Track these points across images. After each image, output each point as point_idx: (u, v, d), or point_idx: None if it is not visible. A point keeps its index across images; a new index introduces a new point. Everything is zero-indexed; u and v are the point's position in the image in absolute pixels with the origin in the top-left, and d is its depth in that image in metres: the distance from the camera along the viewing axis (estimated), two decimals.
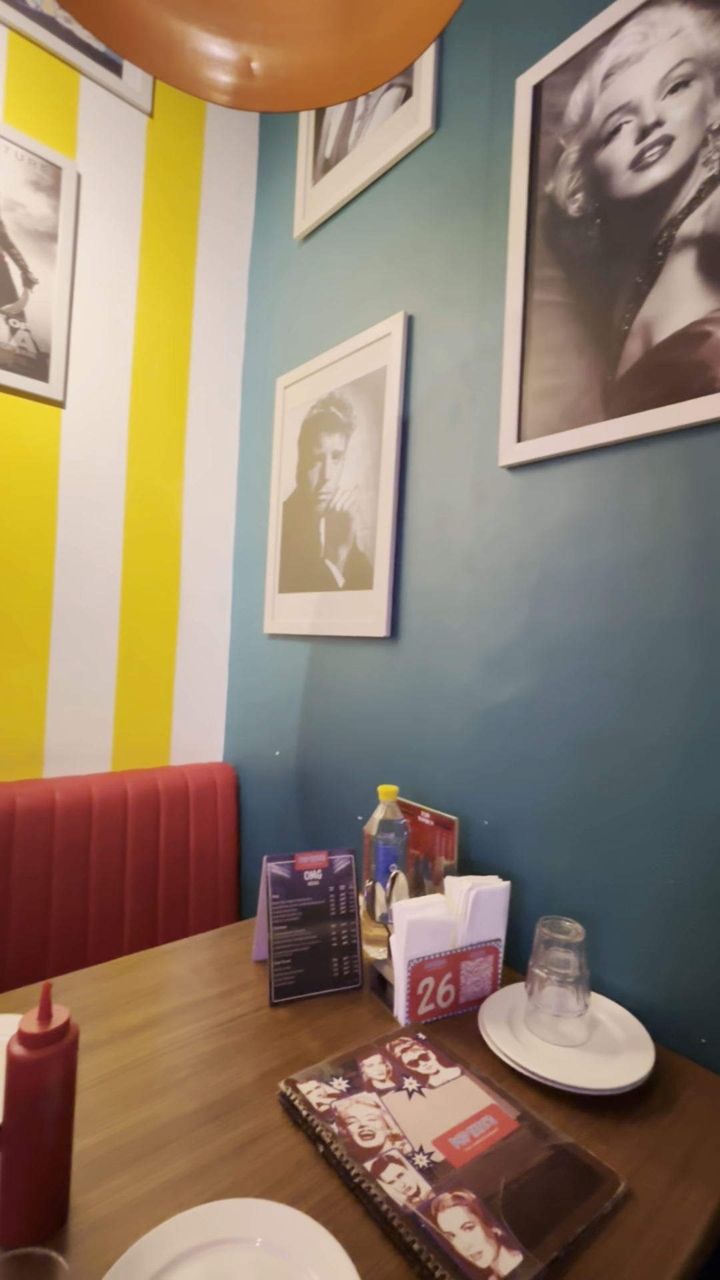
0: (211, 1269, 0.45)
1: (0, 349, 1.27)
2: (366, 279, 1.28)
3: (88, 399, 1.39)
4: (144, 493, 1.48)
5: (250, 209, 1.66)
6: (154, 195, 1.48)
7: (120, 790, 1.34)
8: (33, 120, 1.31)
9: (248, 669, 1.55)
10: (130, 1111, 0.63)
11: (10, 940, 1.16)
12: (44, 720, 1.34)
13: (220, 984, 0.86)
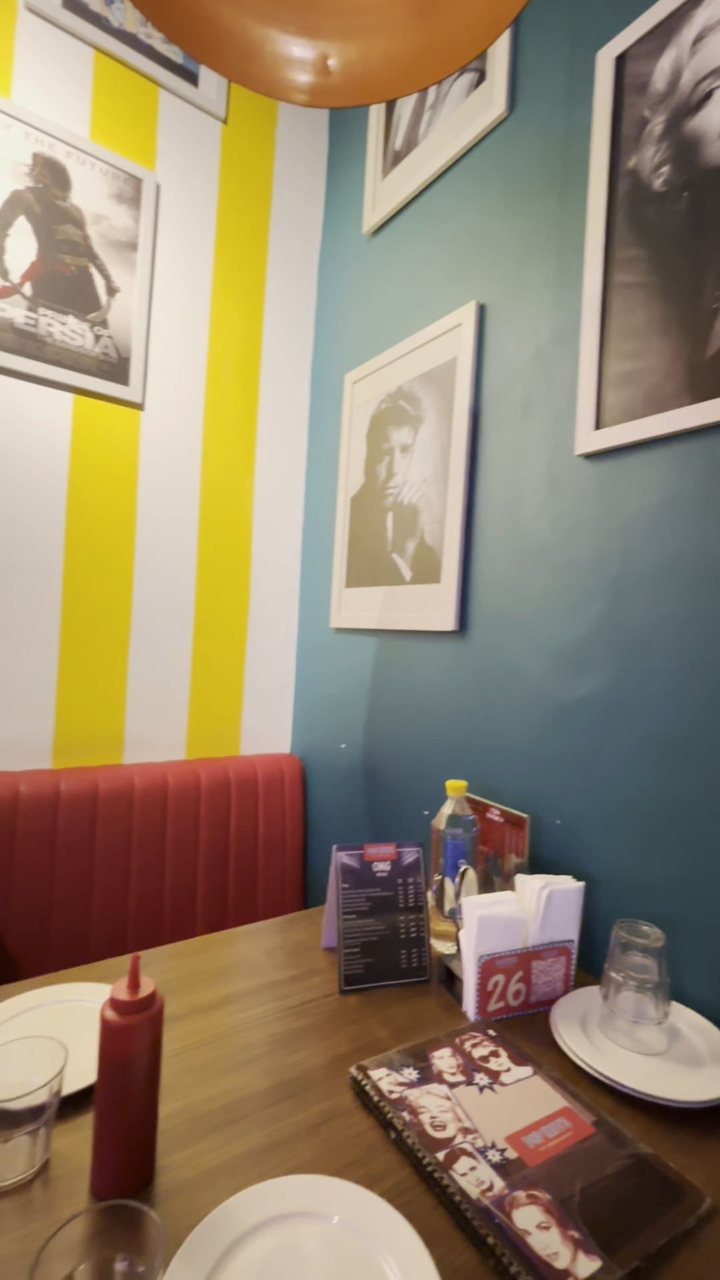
0: (291, 1239, 0.47)
1: (85, 355, 1.33)
2: (436, 270, 1.27)
3: (165, 401, 1.44)
4: (217, 491, 1.52)
5: (320, 207, 1.68)
6: (228, 199, 1.52)
7: (194, 777, 1.39)
8: (116, 135, 1.37)
9: (314, 663, 1.58)
10: (209, 1083, 0.65)
11: (94, 915, 1.23)
12: (124, 709, 1.41)
13: (291, 968, 0.88)
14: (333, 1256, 0.46)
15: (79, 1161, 0.55)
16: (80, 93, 1.33)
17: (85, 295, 1.33)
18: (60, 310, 1.30)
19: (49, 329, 1.29)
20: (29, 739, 1.31)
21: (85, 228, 1.33)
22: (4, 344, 1.24)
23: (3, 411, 1.25)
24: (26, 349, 1.27)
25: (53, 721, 1.33)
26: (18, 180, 1.26)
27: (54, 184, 1.29)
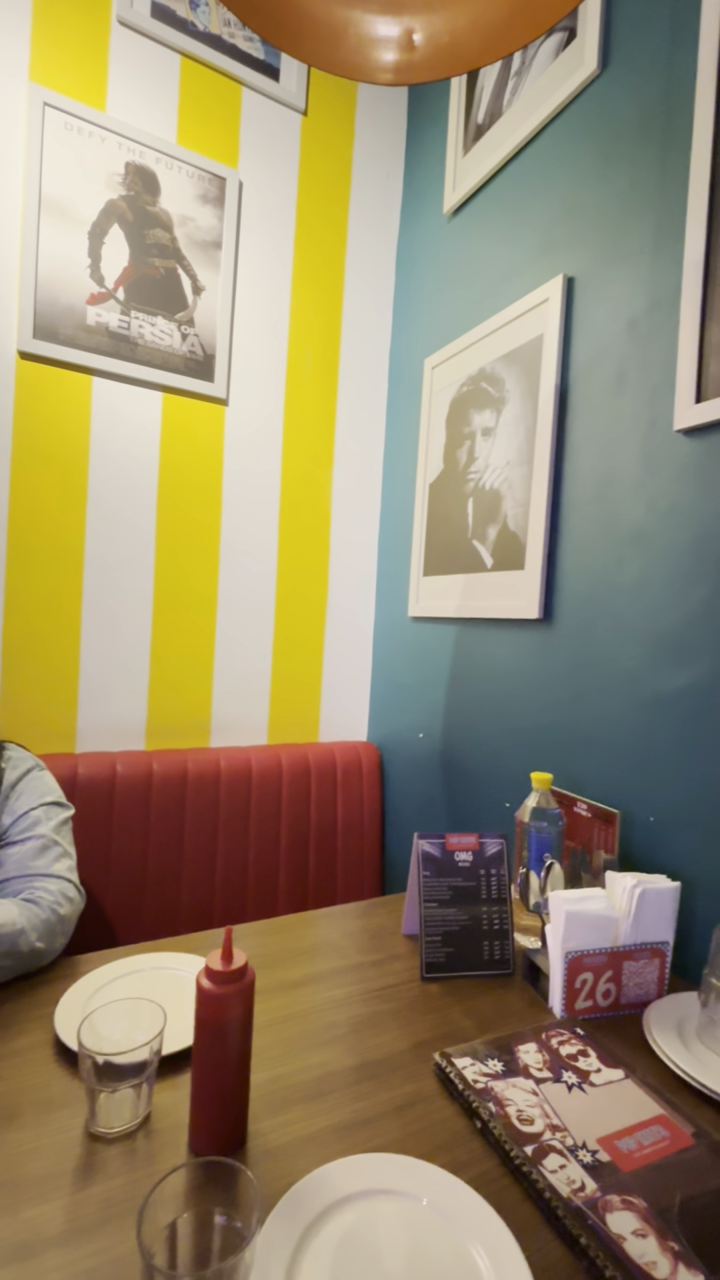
0: (381, 1214, 0.47)
1: (173, 355, 1.39)
2: (521, 245, 1.22)
3: (247, 395, 1.48)
4: (297, 482, 1.55)
5: (398, 192, 1.66)
6: (307, 191, 1.53)
7: (275, 762, 1.43)
8: (201, 137, 1.41)
9: (391, 651, 1.58)
10: (296, 1057, 0.67)
11: (184, 890, 1.29)
12: (210, 695, 1.47)
13: (372, 952, 0.89)
14: (422, 1237, 0.46)
15: (177, 1118, 0.58)
16: (168, 99, 1.37)
17: (173, 296, 1.38)
18: (150, 312, 1.36)
19: (140, 330, 1.35)
20: (124, 722, 1.38)
21: (173, 230, 1.38)
22: (101, 348, 1.31)
23: (100, 413, 1.32)
24: (120, 351, 1.33)
25: (145, 705, 1.40)
26: (112, 190, 1.32)
27: (144, 190, 1.35)
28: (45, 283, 1.26)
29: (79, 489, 1.32)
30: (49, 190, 1.25)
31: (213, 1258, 0.44)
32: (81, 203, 1.29)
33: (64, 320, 1.28)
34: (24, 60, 1.23)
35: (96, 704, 1.35)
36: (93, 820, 1.22)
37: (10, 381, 1.25)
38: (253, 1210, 0.42)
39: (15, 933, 0.76)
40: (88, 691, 1.34)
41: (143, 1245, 0.39)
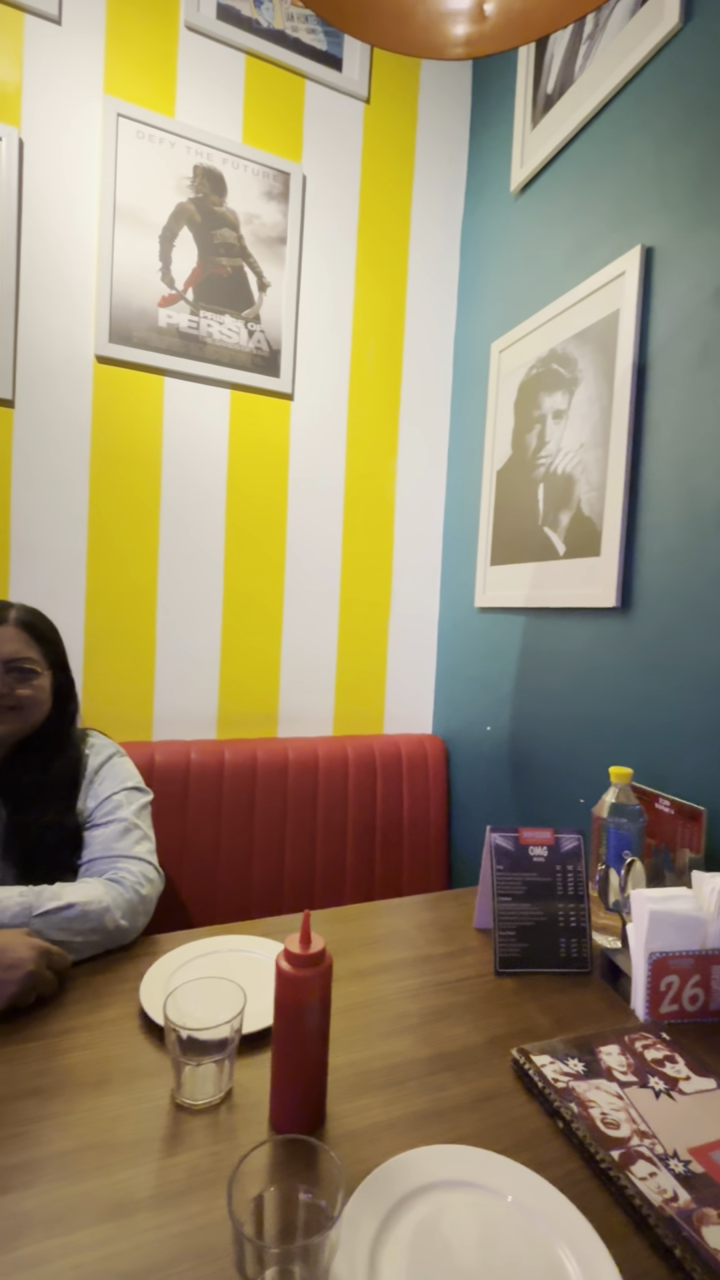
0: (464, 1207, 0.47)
1: (240, 352, 1.41)
2: (594, 218, 1.17)
3: (312, 389, 1.49)
4: (361, 473, 1.55)
5: (462, 174, 1.62)
6: (370, 180, 1.52)
7: (342, 753, 1.44)
8: (266, 134, 1.42)
9: (457, 643, 1.55)
10: (370, 1044, 0.67)
11: (254, 875, 1.32)
12: (278, 686, 1.50)
13: (444, 944, 0.88)
14: (507, 1234, 0.45)
15: (257, 1095, 0.60)
16: (233, 99, 1.39)
17: (240, 294, 1.40)
18: (218, 311, 1.39)
19: (209, 330, 1.38)
20: (197, 711, 1.43)
21: (239, 228, 1.40)
22: (172, 348, 1.35)
23: (172, 412, 1.37)
24: (190, 351, 1.37)
25: (216, 696, 1.44)
26: (181, 194, 1.35)
27: (212, 191, 1.37)
28: (120, 288, 1.30)
29: (153, 487, 1.36)
30: (123, 199, 1.30)
31: (298, 1232, 0.45)
32: (153, 208, 1.33)
33: (137, 323, 1.32)
34: (99, 75, 1.28)
35: (171, 694, 1.40)
36: (169, 806, 1.27)
37: (88, 385, 1.30)
38: (337, 1190, 0.42)
39: (101, 910, 0.80)
40: (163, 682, 1.39)
41: (234, 1215, 0.40)
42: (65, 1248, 0.45)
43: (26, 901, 0.77)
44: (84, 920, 0.79)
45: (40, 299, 1.26)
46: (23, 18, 1.22)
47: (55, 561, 1.30)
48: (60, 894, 0.80)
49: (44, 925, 0.76)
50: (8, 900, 0.77)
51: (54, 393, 1.28)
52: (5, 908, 0.76)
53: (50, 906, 0.78)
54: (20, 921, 0.76)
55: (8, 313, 1.23)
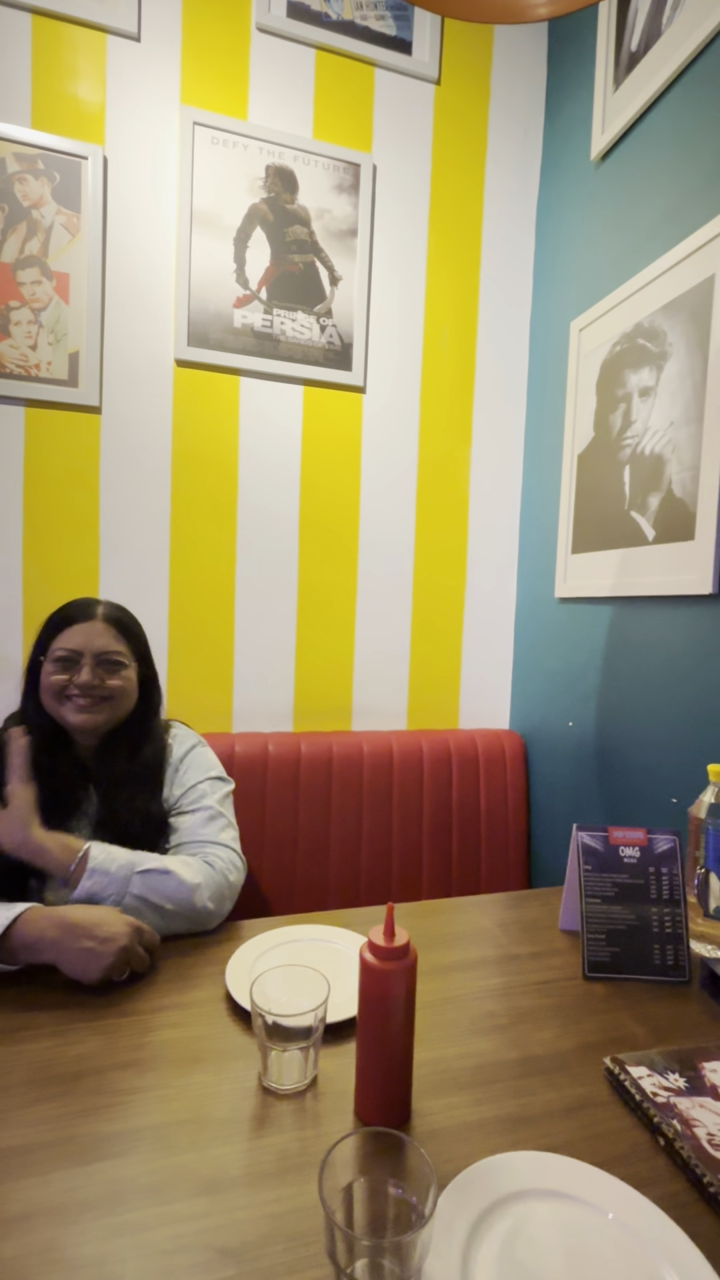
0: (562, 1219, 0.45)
1: (313, 347, 1.42)
2: (684, 179, 1.09)
3: (384, 380, 1.47)
4: (434, 463, 1.52)
5: (537, 148, 1.56)
6: (441, 163, 1.49)
7: (416, 747, 1.43)
8: (336, 128, 1.42)
9: (536, 635, 1.50)
10: (456, 1042, 0.66)
11: (332, 867, 1.34)
12: (351, 680, 1.50)
13: (528, 944, 0.85)
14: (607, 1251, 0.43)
15: (342, 1085, 0.60)
16: (303, 95, 1.40)
17: (312, 289, 1.41)
18: (290, 308, 1.40)
19: (282, 327, 1.40)
20: (273, 705, 1.46)
21: (310, 224, 1.41)
22: (247, 348, 1.37)
23: (247, 410, 1.39)
24: (264, 349, 1.39)
25: (292, 690, 1.47)
26: (254, 194, 1.37)
27: (284, 190, 1.39)
28: (197, 292, 1.34)
29: (230, 484, 1.40)
30: (199, 204, 1.33)
31: (387, 1225, 0.44)
32: (227, 212, 1.35)
33: (213, 325, 1.36)
34: (175, 86, 1.32)
35: (249, 687, 1.43)
36: (248, 797, 1.30)
37: (169, 389, 1.35)
38: (429, 1188, 0.41)
39: (193, 886, 0.83)
40: (241, 675, 1.43)
41: (325, 1203, 0.40)
42: (164, 1217, 0.47)
43: (131, 859, 0.82)
44: (178, 890, 0.82)
45: (124, 309, 1.32)
46: (105, 39, 1.28)
47: (140, 559, 1.35)
48: (161, 860, 0.84)
49: (143, 884, 0.80)
50: (118, 853, 0.82)
51: (137, 398, 1.33)
52: (114, 858, 0.81)
53: (150, 866, 0.82)
54: (125, 874, 0.80)
55: (94, 324, 1.29)
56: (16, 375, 1.26)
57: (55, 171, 1.26)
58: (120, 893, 0.79)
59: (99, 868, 0.79)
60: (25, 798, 0.81)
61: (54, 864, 0.79)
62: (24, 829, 0.79)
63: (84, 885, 0.79)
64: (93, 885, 0.79)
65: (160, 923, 0.81)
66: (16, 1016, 0.68)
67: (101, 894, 0.79)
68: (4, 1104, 0.56)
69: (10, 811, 0.80)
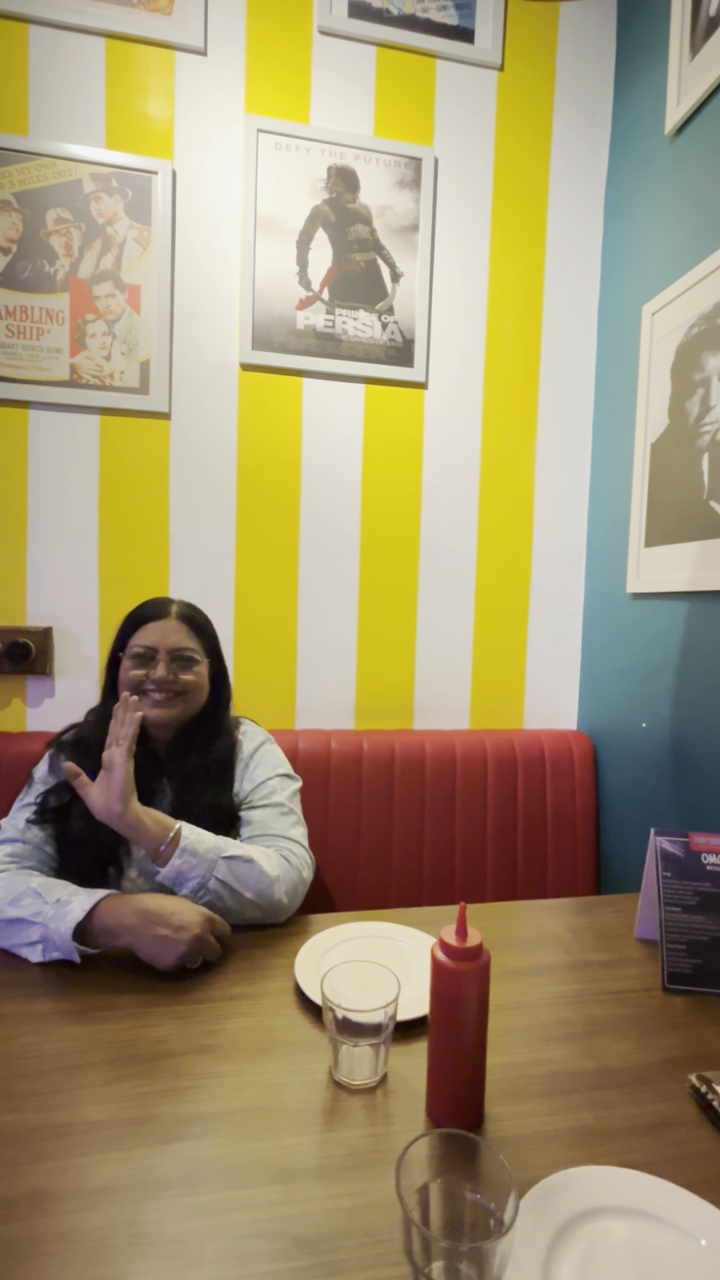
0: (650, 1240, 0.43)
1: (375, 345, 1.42)
2: None
3: (446, 375, 1.46)
4: (497, 457, 1.49)
5: (606, 126, 1.50)
6: (505, 150, 1.46)
7: (480, 747, 1.40)
8: (397, 123, 1.41)
9: (606, 632, 1.45)
10: (529, 1048, 0.64)
11: (394, 866, 1.33)
12: (413, 678, 1.49)
13: (601, 951, 0.82)
14: None
15: (413, 1084, 0.59)
16: (364, 93, 1.40)
17: (373, 287, 1.41)
18: (352, 307, 1.40)
19: (344, 327, 1.40)
20: (335, 702, 1.46)
21: (372, 222, 1.41)
22: (309, 349, 1.39)
23: (310, 410, 1.41)
24: (326, 349, 1.40)
25: (354, 687, 1.47)
26: (315, 196, 1.38)
27: (345, 190, 1.39)
28: (261, 296, 1.36)
29: (293, 484, 1.41)
30: (263, 210, 1.36)
31: (464, 1230, 0.44)
32: (290, 215, 1.37)
33: (277, 328, 1.38)
34: (240, 96, 1.35)
35: (312, 685, 1.45)
36: (311, 793, 1.31)
37: (234, 392, 1.38)
38: (508, 1195, 0.40)
39: (273, 879, 0.85)
40: (304, 673, 1.44)
41: (404, 1202, 0.39)
42: (241, 1201, 0.48)
43: (219, 844, 0.84)
44: (259, 880, 0.83)
45: (191, 316, 1.36)
46: (174, 55, 1.32)
47: (207, 559, 1.39)
48: (246, 849, 0.86)
49: (227, 870, 0.82)
50: (207, 837, 0.84)
51: (204, 402, 1.37)
52: (203, 840, 0.83)
53: (236, 853, 0.84)
54: (212, 858, 0.82)
55: (164, 333, 1.33)
56: (92, 385, 1.32)
57: (128, 188, 1.31)
58: (205, 875, 0.81)
59: (189, 848, 0.81)
60: (127, 770, 0.81)
61: (146, 839, 0.81)
62: (122, 801, 0.79)
63: (173, 864, 0.80)
64: (181, 865, 0.81)
65: (237, 909, 0.83)
66: (98, 998, 0.71)
67: (189, 874, 0.81)
68: (88, 1080, 0.59)
69: (111, 782, 0.80)
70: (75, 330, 1.31)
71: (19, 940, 0.77)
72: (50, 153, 1.28)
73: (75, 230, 1.30)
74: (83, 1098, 0.57)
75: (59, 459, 1.33)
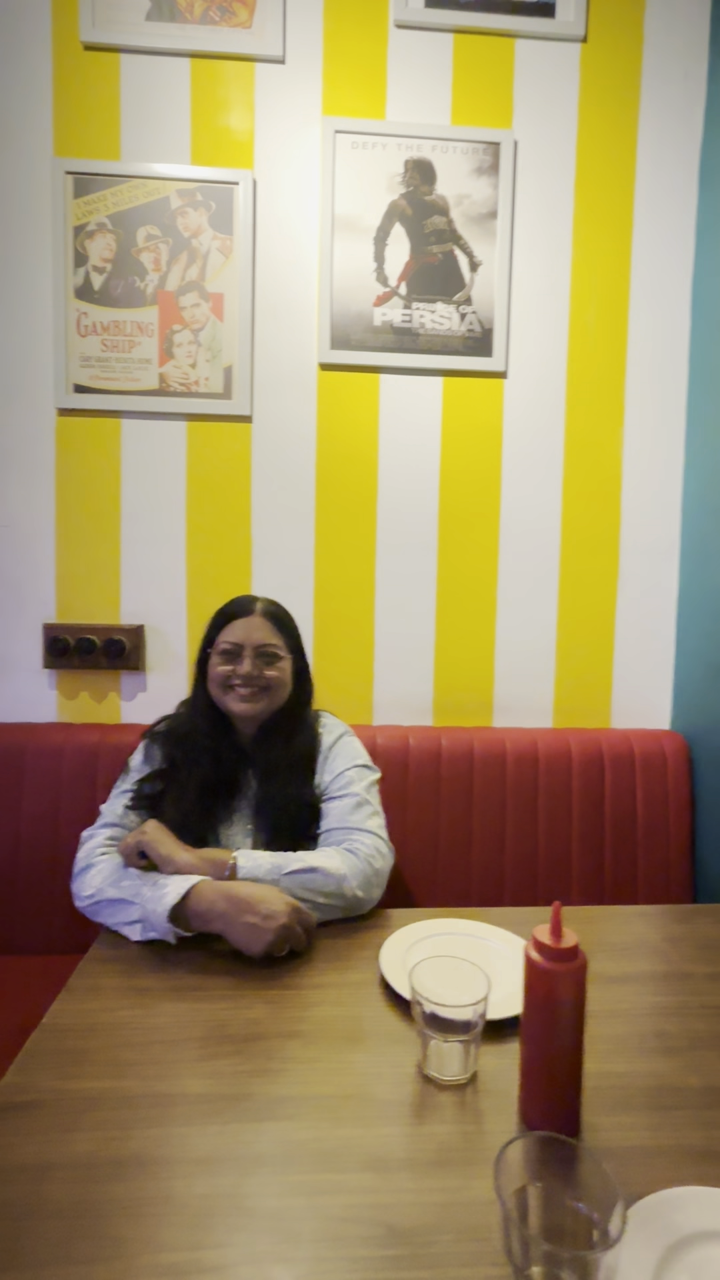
0: None
1: (452, 337, 1.40)
2: None
3: (527, 363, 1.42)
4: (582, 445, 1.44)
5: (701, 88, 1.41)
6: (588, 125, 1.40)
7: (564, 747, 1.36)
8: (475, 108, 1.39)
9: (704, 627, 1.36)
10: (627, 1059, 0.62)
11: (474, 864, 1.31)
12: (493, 675, 1.46)
13: (703, 963, 0.78)
14: None
15: (504, 1084, 0.58)
16: (441, 82, 1.38)
17: (451, 278, 1.39)
18: (430, 300, 1.39)
19: (421, 320, 1.39)
20: (413, 698, 1.46)
21: (449, 212, 1.39)
22: (386, 345, 1.39)
23: (387, 406, 1.41)
24: (404, 344, 1.39)
25: (432, 683, 1.46)
26: (392, 191, 1.38)
27: (422, 182, 1.38)
28: (339, 295, 1.38)
29: (370, 481, 1.42)
30: (340, 210, 1.37)
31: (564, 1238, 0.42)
32: (367, 213, 1.37)
33: (354, 326, 1.38)
34: (317, 100, 1.36)
35: (389, 680, 1.45)
36: (390, 788, 1.30)
37: (313, 393, 1.40)
38: (614, 1207, 0.39)
39: (340, 877, 0.85)
40: (382, 669, 1.45)
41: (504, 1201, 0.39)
42: (334, 1184, 0.48)
43: (277, 862, 0.86)
44: (325, 883, 0.84)
45: (271, 320, 1.39)
46: (253, 67, 1.35)
47: (287, 557, 1.42)
48: (305, 858, 0.87)
49: (291, 884, 0.83)
50: (262, 859, 0.86)
51: (285, 404, 1.40)
52: (259, 864, 0.85)
53: (296, 867, 0.85)
54: (272, 879, 0.84)
55: (245, 338, 1.37)
56: (179, 393, 1.38)
57: (211, 201, 1.36)
58: None
59: (247, 876, 0.84)
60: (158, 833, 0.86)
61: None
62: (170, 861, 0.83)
63: None
64: None
65: (316, 913, 0.84)
66: (193, 977, 0.74)
67: None
68: (187, 1054, 0.62)
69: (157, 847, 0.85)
70: (163, 341, 1.37)
71: (121, 919, 0.82)
72: (140, 174, 1.34)
73: (163, 245, 1.36)
74: (182, 1070, 0.60)
75: (149, 465, 1.39)
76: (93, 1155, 0.50)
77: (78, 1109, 0.55)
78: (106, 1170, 0.49)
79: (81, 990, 0.71)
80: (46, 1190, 0.47)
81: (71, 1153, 0.51)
